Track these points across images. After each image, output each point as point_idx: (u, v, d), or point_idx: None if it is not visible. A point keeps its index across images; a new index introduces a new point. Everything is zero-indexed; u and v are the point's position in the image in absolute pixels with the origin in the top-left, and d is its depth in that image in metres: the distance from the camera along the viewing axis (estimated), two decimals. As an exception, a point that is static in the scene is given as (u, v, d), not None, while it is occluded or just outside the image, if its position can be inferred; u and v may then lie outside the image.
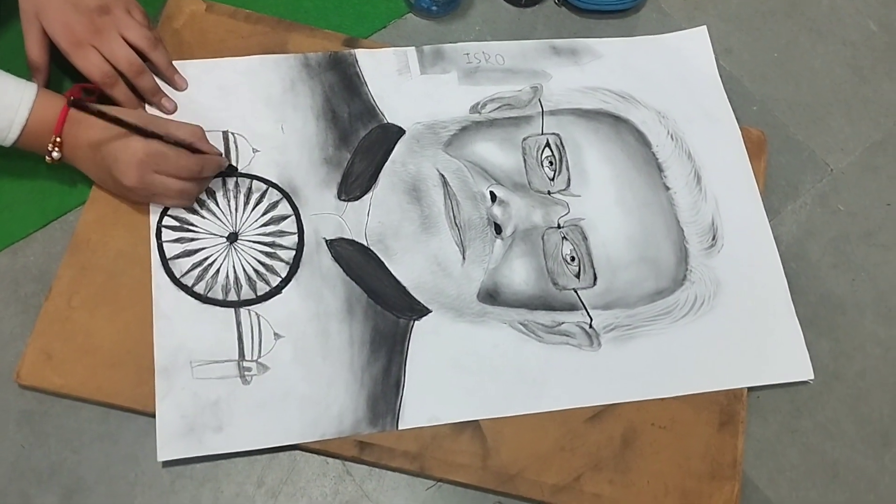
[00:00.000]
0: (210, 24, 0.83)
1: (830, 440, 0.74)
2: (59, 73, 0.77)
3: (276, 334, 0.71)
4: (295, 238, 0.75)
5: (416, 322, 0.73)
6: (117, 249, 0.73)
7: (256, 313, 0.71)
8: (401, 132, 0.81)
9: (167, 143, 0.68)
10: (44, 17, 0.72)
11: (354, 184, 0.78)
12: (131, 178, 0.68)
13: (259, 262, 0.73)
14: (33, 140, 0.68)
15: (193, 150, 0.70)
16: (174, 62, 0.79)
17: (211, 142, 0.74)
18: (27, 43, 0.73)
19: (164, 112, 0.77)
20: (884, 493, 0.72)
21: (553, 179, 0.80)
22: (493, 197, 0.78)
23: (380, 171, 0.78)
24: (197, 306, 0.71)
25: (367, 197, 0.77)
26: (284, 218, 0.76)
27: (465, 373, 0.71)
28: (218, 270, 0.73)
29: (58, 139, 0.68)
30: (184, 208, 0.74)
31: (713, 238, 0.79)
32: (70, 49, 0.72)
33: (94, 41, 0.73)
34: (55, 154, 0.69)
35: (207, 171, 0.72)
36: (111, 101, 0.74)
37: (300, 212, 0.76)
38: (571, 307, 0.75)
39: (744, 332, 0.76)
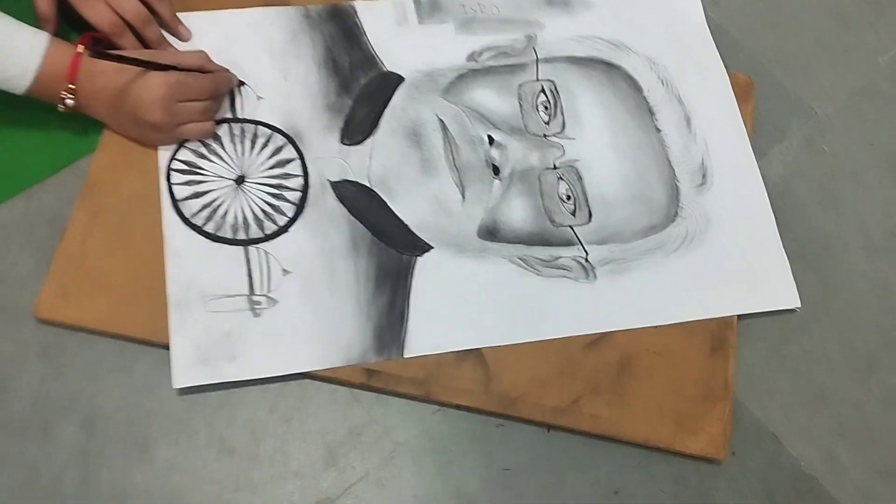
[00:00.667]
0: (213, -21, 0.85)
1: (817, 366, 0.77)
2: (64, 28, 0.79)
3: (284, 270, 0.73)
4: (300, 180, 0.77)
5: (418, 258, 0.76)
6: (129, 192, 0.75)
7: (265, 251, 0.74)
8: (400, 80, 0.83)
9: (181, 71, 0.71)
10: (52, -31, 0.74)
11: (356, 129, 0.80)
12: (157, 112, 0.71)
13: (266, 203, 0.76)
14: (46, 88, 0.70)
15: (204, 72, 0.74)
16: (178, 14, 0.81)
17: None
18: (36, -5, 0.76)
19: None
20: (868, 414, 0.75)
21: (548, 123, 0.83)
22: (491, 140, 0.81)
23: (381, 117, 0.81)
24: (207, 244, 0.74)
25: (368, 141, 0.80)
26: (289, 161, 0.78)
27: (466, 304, 0.74)
28: (226, 211, 0.75)
29: (71, 86, 0.71)
30: (191, 151, 0.77)
31: (703, 177, 0.82)
32: (78, 1, 0.75)
33: (101, -8, 0.75)
34: (69, 101, 0.71)
35: (223, 87, 0.77)
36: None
37: (305, 155, 0.78)
38: (568, 242, 0.78)
39: (733, 263, 0.79)
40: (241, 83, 0.80)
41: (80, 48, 0.70)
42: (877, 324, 0.79)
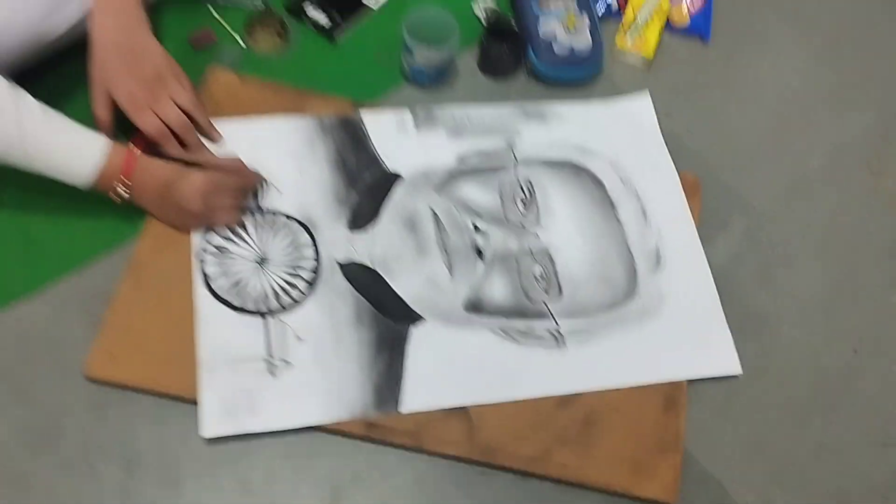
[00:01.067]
0: (242, 93, 1.01)
1: (757, 422, 0.88)
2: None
3: (297, 337, 0.86)
4: (313, 262, 0.91)
5: (413, 328, 0.88)
6: (167, 270, 0.88)
7: (282, 321, 0.87)
8: (399, 178, 0.98)
9: (219, 171, 0.86)
10: (112, 87, 0.89)
11: (362, 218, 0.95)
12: (197, 203, 0.86)
13: (284, 280, 0.89)
14: (105, 182, 0.84)
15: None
16: (213, 120, 0.97)
17: (245, 183, 0.92)
18: (96, 106, 0.90)
19: (207, 161, 0.95)
20: (802, 464, 0.86)
21: (525, 215, 0.97)
22: (476, 228, 0.95)
23: (382, 209, 0.95)
24: (232, 315, 0.86)
25: (372, 229, 0.94)
26: (304, 245, 0.92)
27: (454, 368, 0.87)
28: (250, 287, 0.88)
29: (126, 181, 0.85)
30: (221, 236, 0.90)
31: (657, 260, 0.96)
32: (132, 112, 0.89)
33: (151, 105, 0.90)
34: (123, 194, 0.85)
35: (251, 185, 0.92)
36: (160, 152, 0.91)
37: (317, 240, 0.92)
38: (542, 315, 0.91)
39: (683, 335, 0.92)
40: (266, 181, 0.94)
41: (137, 151, 0.85)
42: (808, 386, 0.91)
